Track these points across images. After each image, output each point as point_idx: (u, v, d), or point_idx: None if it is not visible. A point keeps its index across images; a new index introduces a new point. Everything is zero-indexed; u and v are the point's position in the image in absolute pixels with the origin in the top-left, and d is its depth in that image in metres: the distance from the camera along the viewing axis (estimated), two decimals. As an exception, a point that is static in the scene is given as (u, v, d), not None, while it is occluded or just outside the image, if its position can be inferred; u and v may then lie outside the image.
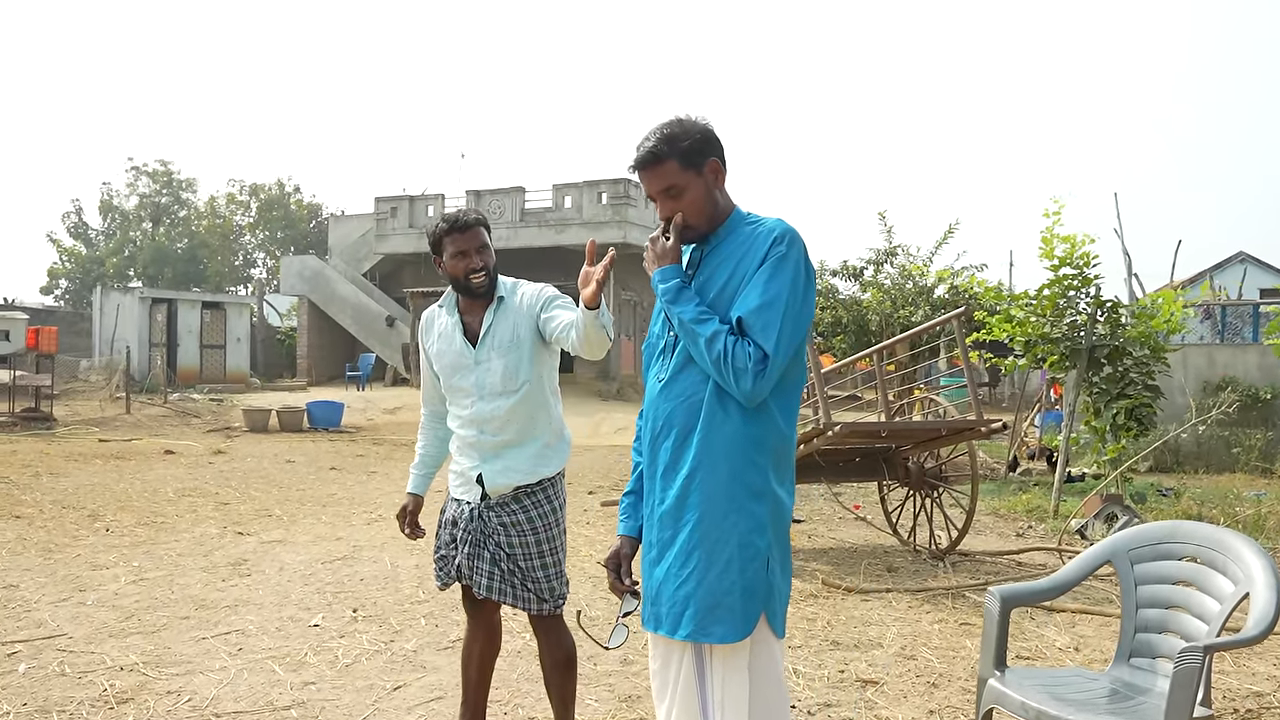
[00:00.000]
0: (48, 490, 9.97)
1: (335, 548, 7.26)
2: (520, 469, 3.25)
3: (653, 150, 2.39)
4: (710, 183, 2.42)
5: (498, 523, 3.23)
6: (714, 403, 2.35)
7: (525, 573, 3.23)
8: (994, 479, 12.44)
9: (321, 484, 11.21)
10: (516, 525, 3.23)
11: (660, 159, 2.39)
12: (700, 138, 2.40)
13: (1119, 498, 9.00)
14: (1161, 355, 9.43)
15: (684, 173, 2.39)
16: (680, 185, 2.40)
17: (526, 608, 3.25)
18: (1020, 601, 3.21)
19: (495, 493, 3.24)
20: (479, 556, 3.23)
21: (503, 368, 3.22)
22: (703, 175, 2.41)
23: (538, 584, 3.24)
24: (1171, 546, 3.12)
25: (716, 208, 2.44)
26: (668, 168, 2.39)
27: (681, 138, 2.39)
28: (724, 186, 2.47)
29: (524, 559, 3.23)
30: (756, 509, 2.35)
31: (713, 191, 2.43)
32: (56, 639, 4.77)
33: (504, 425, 3.22)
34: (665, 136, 2.39)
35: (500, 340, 3.24)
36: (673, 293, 2.41)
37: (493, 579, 3.23)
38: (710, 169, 2.41)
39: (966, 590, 6.23)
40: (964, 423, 7.03)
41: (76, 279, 43.44)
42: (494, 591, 3.23)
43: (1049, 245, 9.58)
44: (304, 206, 45.52)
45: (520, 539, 3.23)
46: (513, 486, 3.23)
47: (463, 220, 3.26)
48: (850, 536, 8.38)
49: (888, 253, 17.46)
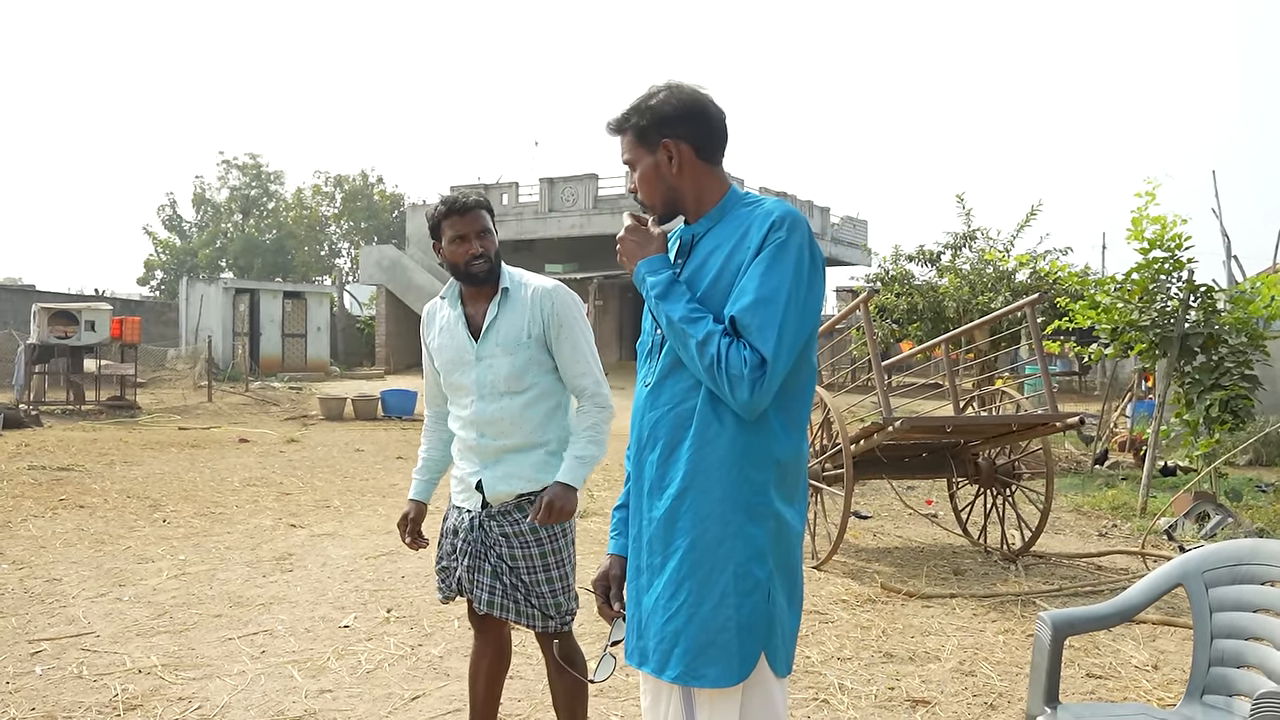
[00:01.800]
0: (118, 479, 10.12)
1: (383, 542, 7.15)
2: (523, 475, 3.00)
3: (615, 119, 2.19)
4: (663, 164, 2.15)
5: (500, 533, 2.99)
6: (707, 412, 2.06)
7: (529, 587, 2.98)
8: (1079, 473, 11.83)
9: (386, 474, 11.19)
10: (520, 536, 2.98)
11: (619, 130, 2.18)
12: (658, 114, 2.13)
13: (1212, 495, 8.41)
14: (1260, 343, 8.77)
15: (636, 148, 2.17)
16: (633, 160, 2.17)
17: (530, 625, 3.01)
18: (1076, 629, 2.85)
19: (496, 500, 3.00)
20: (479, 569, 3.00)
21: (509, 366, 2.96)
22: (654, 154, 2.15)
23: (543, 599, 2.99)
24: (1252, 569, 2.72)
25: (671, 191, 2.16)
26: (625, 141, 2.18)
27: (640, 113, 2.15)
28: (695, 168, 2.16)
29: (527, 572, 2.98)
30: (755, 533, 2.05)
31: (666, 174, 2.15)
32: (83, 637, 4.71)
33: (508, 428, 2.97)
34: (629, 108, 2.17)
35: (506, 336, 2.98)
36: (661, 287, 2.11)
37: (494, 593, 2.99)
38: (665, 150, 2.13)
39: (1037, 597, 5.82)
40: (1037, 417, 6.58)
41: (171, 270, 44.73)
42: (495, 607, 2.99)
43: (1139, 227, 9.00)
44: (386, 197, 46.08)
45: (524, 550, 2.98)
46: (515, 494, 2.99)
47: (461, 202, 3.00)
48: (918, 535, 7.98)
49: (966, 236, 16.77)
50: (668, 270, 2.14)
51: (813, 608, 5.55)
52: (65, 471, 10.56)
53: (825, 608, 5.57)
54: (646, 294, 2.16)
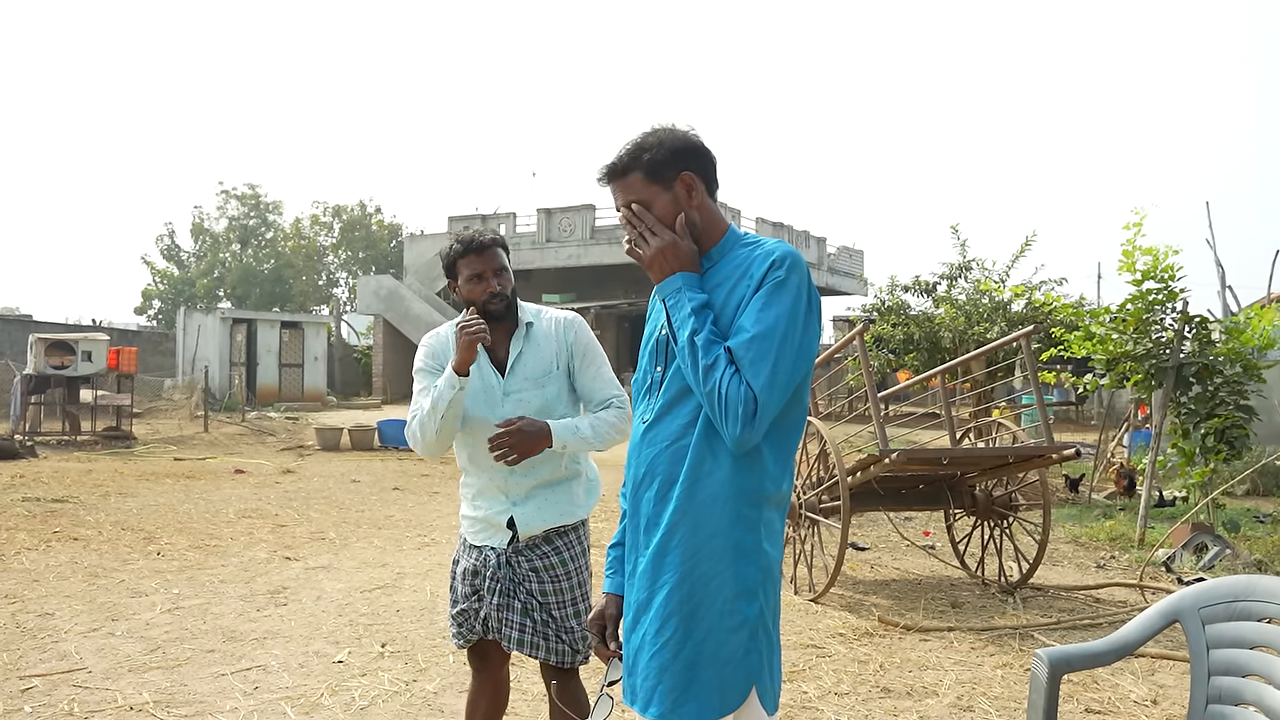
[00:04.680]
0: (112, 511, 10.08)
1: (378, 575, 7.11)
2: (558, 508, 2.99)
3: (615, 162, 2.14)
4: (682, 198, 2.15)
5: (529, 568, 2.96)
6: (703, 448, 2.06)
7: (559, 622, 2.96)
8: (1076, 503, 11.80)
9: (382, 505, 11.14)
10: (550, 569, 2.97)
11: (624, 172, 2.13)
12: (670, 148, 2.12)
13: (1209, 527, 8.40)
14: (1256, 373, 8.79)
15: (649, 186, 2.12)
16: (646, 200, 2.13)
17: (560, 661, 2.96)
18: (1073, 666, 2.83)
19: (526, 536, 2.97)
20: (509, 607, 2.95)
21: (540, 399, 2.96)
22: (672, 190, 2.13)
23: (571, 633, 2.96)
24: (1249, 605, 2.71)
25: (691, 226, 2.15)
26: (631, 181, 2.13)
27: (649, 148, 2.12)
28: (706, 203, 2.18)
29: (557, 607, 2.96)
30: (746, 571, 2.05)
31: (685, 208, 2.16)
32: (75, 673, 4.67)
33: (539, 461, 2.93)
34: (633, 146, 2.13)
35: (534, 370, 2.98)
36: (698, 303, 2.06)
37: (524, 631, 2.94)
38: (683, 183, 2.14)
39: (1035, 631, 5.79)
40: (1032, 449, 6.58)
41: (169, 300, 44.77)
42: (525, 645, 2.94)
43: (1130, 258, 9.05)
44: (384, 226, 46.24)
45: (554, 584, 2.96)
46: (547, 528, 2.98)
47: (479, 241, 3.01)
48: (916, 567, 7.95)
49: (962, 267, 16.84)
50: (703, 294, 2.10)
51: (809, 641, 5.52)
52: (60, 503, 10.52)
53: (822, 641, 5.54)
54: (677, 305, 2.09)
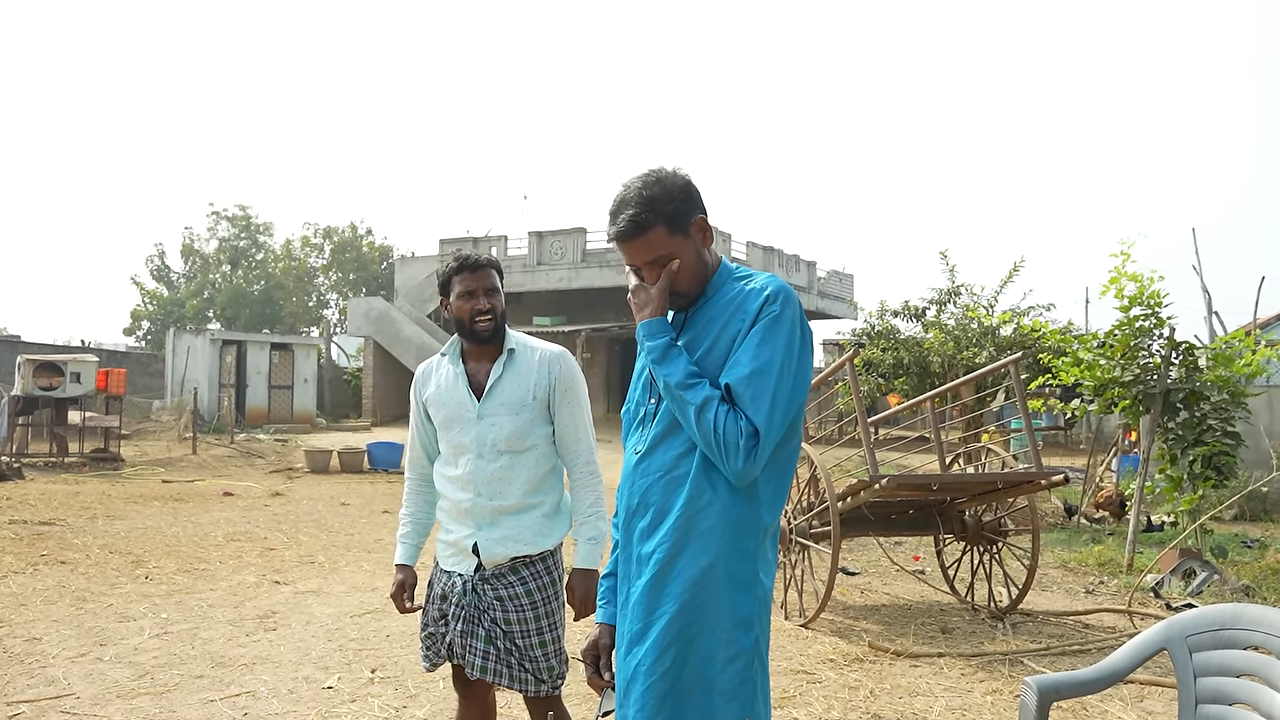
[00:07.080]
0: (100, 534, 10.02)
1: (368, 599, 7.09)
2: (520, 539, 3.00)
3: (635, 219, 2.11)
4: (698, 243, 2.18)
5: (494, 597, 2.98)
6: (700, 480, 2.09)
7: (523, 651, 2.97)
8: (1065, 528, 11.84)
9: (371, 528, 11.11)
10: (515, 599, 2.98)
11: (645, 227, 2.12)
12: (684, 195, 2.14)
13: (1197, 552, 8.44)
14: (1242, 400, 8.86)
15: (672, 238, 2.14)
16: (672, 252, 2.14)
17: (524, 689, 2.99)
18: (1061, 694, 2.86)
19: (491, 564, 3.00)
20: (473, 634, 2.97)
21: (512, 425, 2.98)
22: (690, 237, 2.16)
23: (535, 663, 2.98)
24: (1235, 634, 2.74)
25: (707, 268, 2.19)
26: (654, 236, 2.13)
27: (665, 199, 2.12)
28: (710, 242, 2.22)
29: (521, 636, 2.97)
30: (743, 602, 2.08)
31: (702, 252, 2.19)
32: (63, 699, 4.64)
33: (505, 488, 2.97)
34: (647, 200, 2.11)
35: (510, 396, 3.00)
36: (659, 351, 2.15)
37: (488, 659, 2.96)
38: (697, 228, 2.17)
39: (1025, 656, 5.80)
40: (1021, 475, 6.62)
41: (158, 321, 44.61)
42: (489, 672, 2.97)
43: (1117, 285, 9.14)
44: (375, 248, 46.23)
45: (519, 614, 2.97)
46: (510, 557, 2.99)
47: (474, 259, 3.06)
48: (906, 592, 7.96)
49: (950, 292, 16.96)
50: (666, 334, 2.16)
51: (800, 667, 5.52)
52: (47, 526, 10.45)
53: (813, 667, 5.55)
54: (645, 355, 2.19)
